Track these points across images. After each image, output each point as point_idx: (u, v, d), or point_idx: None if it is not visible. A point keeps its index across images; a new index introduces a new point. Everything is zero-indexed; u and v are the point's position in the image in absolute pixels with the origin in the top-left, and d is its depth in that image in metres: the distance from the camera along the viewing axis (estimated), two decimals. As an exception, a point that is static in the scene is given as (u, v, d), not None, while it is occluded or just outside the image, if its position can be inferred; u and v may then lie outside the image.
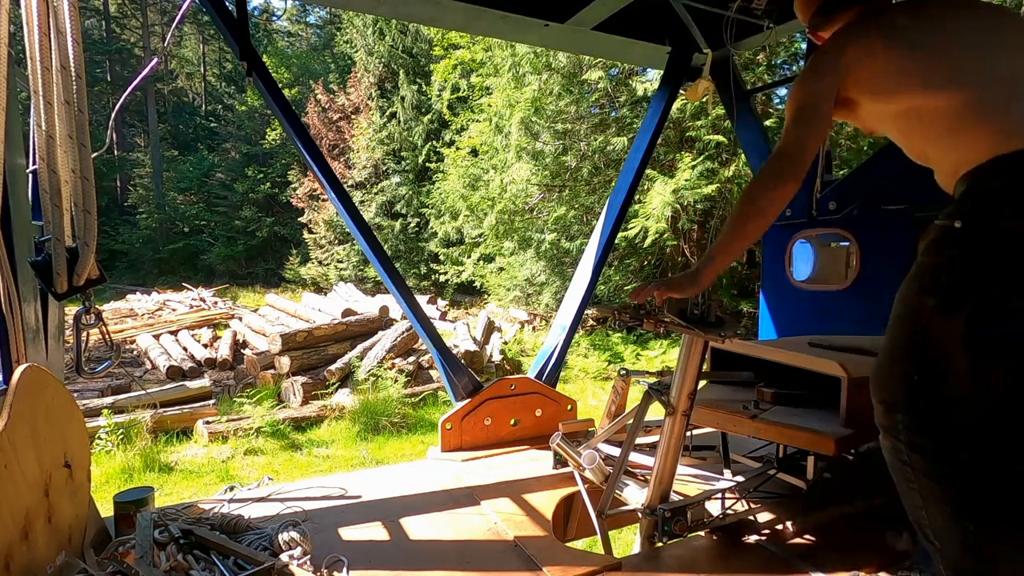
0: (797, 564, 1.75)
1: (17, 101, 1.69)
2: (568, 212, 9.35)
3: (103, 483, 4.51)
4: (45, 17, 1.48)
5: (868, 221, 2.85)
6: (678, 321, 1.65)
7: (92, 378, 5.25)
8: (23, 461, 1.41)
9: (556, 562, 1.77)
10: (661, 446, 1.80)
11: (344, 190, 2.94)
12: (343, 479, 2.48)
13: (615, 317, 1.76)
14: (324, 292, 14.39)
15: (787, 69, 8.57)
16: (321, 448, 5.50)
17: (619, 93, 9.03)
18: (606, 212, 3.37)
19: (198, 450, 5.34)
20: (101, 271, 1.67)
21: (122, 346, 9.38)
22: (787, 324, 3.25)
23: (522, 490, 2.30)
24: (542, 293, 10.37)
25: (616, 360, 8.59)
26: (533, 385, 2.94)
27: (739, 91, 3.30)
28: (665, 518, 1.75)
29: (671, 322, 1.66)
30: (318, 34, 32.57)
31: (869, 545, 1.85)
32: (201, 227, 23.73)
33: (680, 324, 1.65)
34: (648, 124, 3.39)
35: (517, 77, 9.36)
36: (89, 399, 6.05)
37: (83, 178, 1.56)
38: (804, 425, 1.89)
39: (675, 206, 7.77)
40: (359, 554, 1.81)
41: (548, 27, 2.99)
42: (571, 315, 3.22)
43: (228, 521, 1.86)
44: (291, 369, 7.15)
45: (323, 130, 18.76)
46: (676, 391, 1.78)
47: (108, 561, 1.62)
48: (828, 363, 1.91)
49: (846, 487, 2.19)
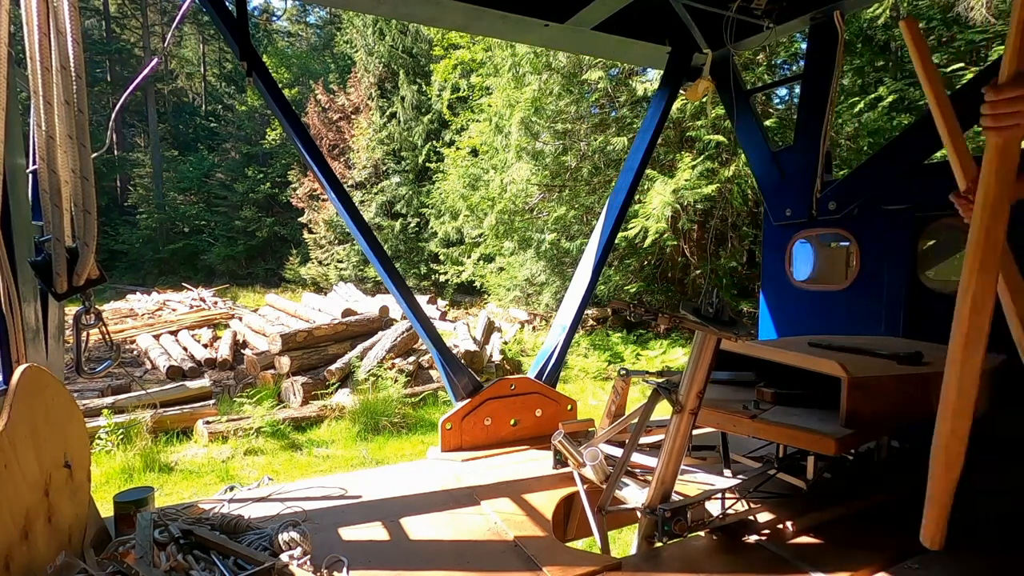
0: (797, 564, 1.75)
1: (17, 101, 1.69)
2: (568, 212, 9.35)
3: (103, 483, 4.51)
4: (45, 17, 1.48)
5: (868, 221, 2.85)
6: (693, 318, 1.65)
7: (92, 378, 5.24)
8: (23, 461, 1.41)
9: (556, 562, 1.77)
10: (666, 445, 1.80)
11: (344, 190, 2.94)
12: (343, 479, 2.48)
13: (631, 310, 1.77)
14: (324, 292, 14.40)
15: (787, 69, 8.58)
16: (321, 448, 5.50)
17: (619, 93, 9.03)
18: (606, 212, 3.37)
19: (198, 450, 5.34)
20: (101, 271, 1.67)
21: (122, 346, 9.39)
22: (787, 324, 3.25)
23: (522, 490, 2.30)
24: (542, 293, 10.37)
25: (616, 360, 8.59)
26: (533, 385, 2.94)
27: (739, 91, 3.30)
28: (665, 518, 1.75)
29: (686, 319, 1.66)
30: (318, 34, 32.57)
31: (869, 545, 1.85)
32: (201, 227, 23.74)
33: (695, 321, 1.66)
34: (648, 124, 3.39)
35: (517, 77, 9.36)
36: (89, 399, 6.05)
37: (83, 178, 1.55)
38: (804, 425, 1.89)
39: (675, 206, 7.78)
40: (359, 554, 1.81)
41: (548, 27, 2.99)
42: (571, 315, 3.22)
43: (228, 521, 1.86)
44: (291, 369, 7.15)
45: (323, 130, 18.76)
46: (685, 389, 1.77)
47: (108, 561, 1.62)
48: (828, 363, 1.91)
49: (846, 487, 2.19)
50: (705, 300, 1.67)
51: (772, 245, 3.29)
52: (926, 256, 2.75)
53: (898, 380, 1.93)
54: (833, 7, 2.80)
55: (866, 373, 1.89)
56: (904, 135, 2.90)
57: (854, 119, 7.36)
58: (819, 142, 2.94)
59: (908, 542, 1.85)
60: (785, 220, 3.15)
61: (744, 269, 9.02)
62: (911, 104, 7.29)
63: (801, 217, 3.06)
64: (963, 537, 1.58)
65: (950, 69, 6.78)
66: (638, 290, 9.37)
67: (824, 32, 2.89)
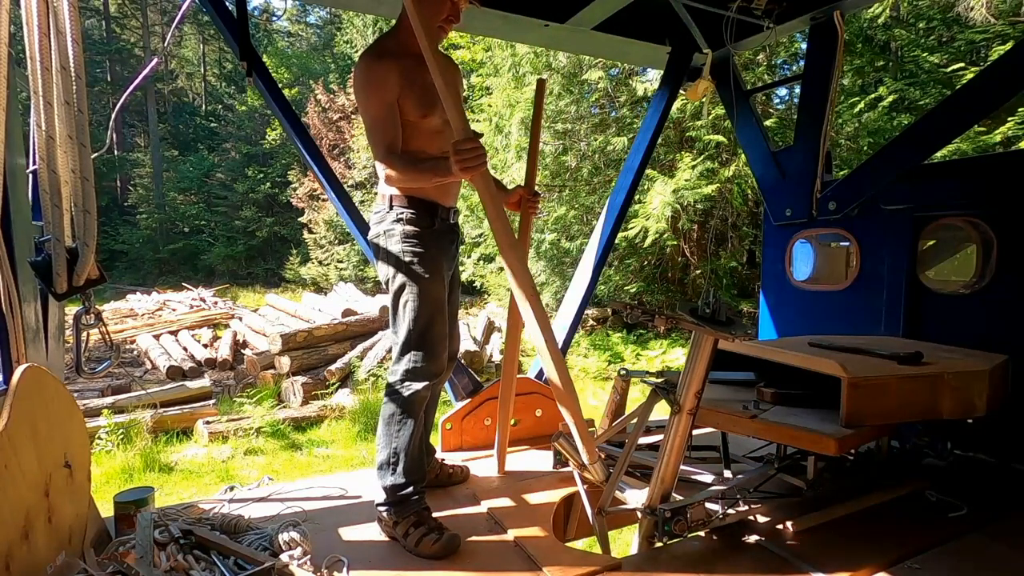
0: (797, 564, 1.75)
1: (17, 101, 1.69)
2: (568, 212, 9.35)
3: (103, 483, 4.51)
4: (45, 17, 1.48)
5: (868, 221, 2.85)
6: (689, 318, 1.65)
7: (92, 378, 5.24)
8: (23, 461, 1.41)
9: (556, 562, 1.77)
10: (665, 445, 1.80)
11: (344, 190, 2.94)
12: (343, 479, 2.48)
13: (627, 312, 1.79)
14: (324, 292, 14.38)
15: (787, 69, 8.57)
16: (321, 448, 5.50)
17: (619, 93, 9.03)
18: (606, 212, 3.37)
19: (198, 450, 5.34)
20: (101, 271, 1.67)
21: (122, 346, 9.38)
22: (787, 324, 3.25)
23: (522, 490, 2.30)
24: (542, 293, 10.36)
25: (616, 360, 8.58)
26: (533, 385, 2.94)
27: (739, 91, 3.30)
28: (665, 518, 1.75)
29: (683, 319, 1.66)
30: (318, 34, 32.52)
31: (869, 545, 1.85)
32: (201, 227, 23.72)
33: (692, 321, 1.66)
34: (648, 124, 3.39)
35: (517, 77, 9.36)
36: (89, 399, 6.05)
37: (83, 178, 1.55)
38: (804, 425, 1.89)
39: (675, 206, 7.77)
40: (359, 554, 1.81)
41: (548, 27, 2.99)
42: (571, 315, 3.22)
43: (228, 521, 1.86)
44: (291, 369, 7.14)
45: (323, 130, 18.74)
46: (683, 389, 1.77)
47: (108, 561, 1.62)
48: (828, 363, 1.91)
49: (846, 487, 2.19)
50: (702, 300, 1.67)
51: (772, 245, 3.30)
52: (926, 256, 2.75)
53: (898, 380, 1.93)
54: (833, 7, 2.80)
55: (866, 373, 1.89)
56: (904, 135, 2.90)
57: (854, 119, 7.36)
58: (819, 142, 2.94)
59: (908, 542, 1.85)
60: (785, 220, 3.15)
61: (744, 269, 9.01)
62: (911, 104, 7.29)
63: (801, 217, 3.06)
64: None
65: (950, 69, 6.78)
66: (638, 290, 9.36)
67: (824, 32, 2.88)
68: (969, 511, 2.03)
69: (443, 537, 1.83)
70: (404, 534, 1.86)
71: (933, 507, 2.08)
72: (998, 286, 2.45)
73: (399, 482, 1.91)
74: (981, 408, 1.99)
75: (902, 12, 7.49)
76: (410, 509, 1.90)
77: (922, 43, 7.43)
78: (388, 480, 1.92)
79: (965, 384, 1.97)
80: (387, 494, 1.92)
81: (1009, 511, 2.07)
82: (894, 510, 2.07)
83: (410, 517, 1.88)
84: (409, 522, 1.87)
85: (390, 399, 1.95)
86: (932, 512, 2.06)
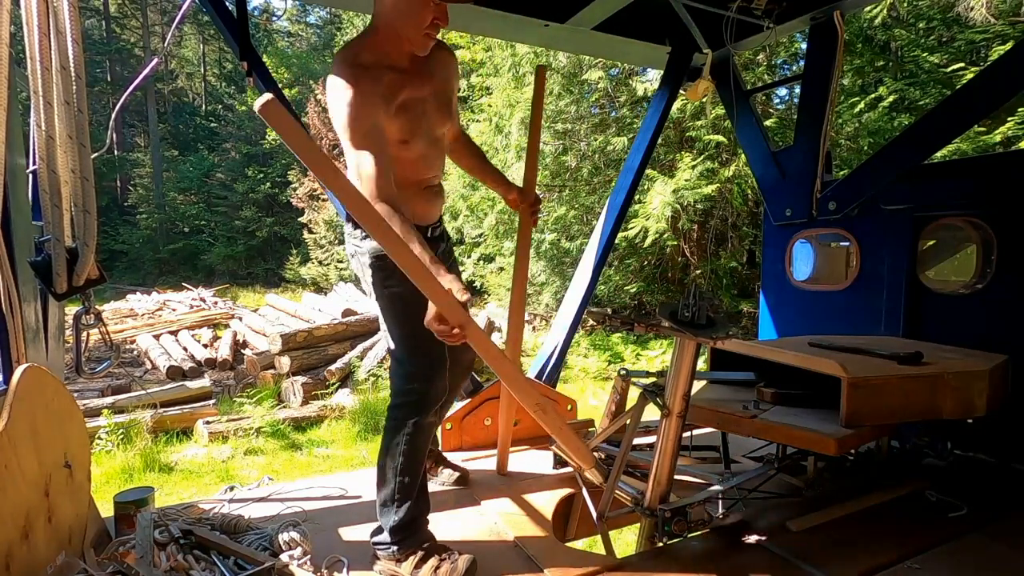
0: (797, 564, 1.75)
1: (17, 101, 1.69)
2: (568, 212, 9.35)
3: (103, 483, 4.51)
4: (45, 17, 1.48)
5: (868, 221, 2.85)
6: (668, 324, 1.65)
7: (92, 378, 5.25)
8: (23, 461, 1.41)
9: (556, 562, 1.77)
10: (658, 447, 1.80)
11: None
12: (343, 479, 2.48)
13: (607, 322, 1.76)
14: (324, 292, 14.38)
15: (787, 69, 8.57)
16: (321, 448, 5.50)
17: (619, 93, 9.03)
18: (606, 212, 3.37)
19: (198, 450, 5.34)
20: (101, 271, 1.67)
21: (122, 346, 9.38)
22: (787, 324, 3.25)
23: (522, 490, 2.30)
24: (542, 293, 10.36)
25: (616, 360, 8.58)
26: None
27: (739, 91, 3.30)
28: (665, 518, 1.75)
29: (661, 325, 1.65)
30: (318, 34, 32.52)
31: (869, 545, 1.85)
32: (201, 227, 23.71)
33: (670, 327, 1.65)
34: (648, 124, 3.39)
35: (517, 77, 9.36)
36: (89, 399, 6.05)
37: (83, 178, 1.55)
38: (804, 425, 1.89)
39: (675, 206, 7.77)
40: (359, 554, 1.81)
41: (548, 27, 2.99)
42: (571, 315, 3.22)
43: (228, 521, 1.86)
44: (291, 369, 7.14)
45: (323, 130, 18.71)
46: (670, 393, 1.77)
47: (108, 561, 1.62)
48: (828, 363, 1.91)
49: (846, 487, 2.19)
50: (683, 302, 1.66)
51: (772, 245, 3.30)
52: (926, 256, 2.75)
53: (898, 380, 1.93)
54: (833, 7, 2.80)
55: (866, 373, 1.89)
56: (904, 135, 2.90)
57: (854, 119, 7.36)
58: (819, 142, 2.94)
59: (908, 542, 1.85)
60: (785, 220, 3.15)
61: (744, 269, 9.01)
62: (911, 104, 7.29)
63: (801, 217, 3.06)
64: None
65: (950, 69, 6.78)
66: (638, 290, 9.36)
67: (824, 32, 2.88)
68: (969, 511, 2.03)
69: (460, 559, 1.67)
70: (414, 568, 1.68)
71: (933, 507, 2.08)
72: (998, 286, 2.46)
73: (406, 521, 1.72)
74: (981, 408, 1.99)
75: (902, 12, 7.49)
76: (417, 543, 1.72)
77: (922, 43, 7.43)
78: (392, 519, 1.72)
79: (965, 384, 1.97)
80: (391, 535, 1.73)
81: (1009, 511, 2.07)
82: (894, 510, 2.07)
83: (417, 552, 1.70)
84: (417, 557, 1.69)
85: (390, 430, 1.75)
86: (932, 512, 2.05)
